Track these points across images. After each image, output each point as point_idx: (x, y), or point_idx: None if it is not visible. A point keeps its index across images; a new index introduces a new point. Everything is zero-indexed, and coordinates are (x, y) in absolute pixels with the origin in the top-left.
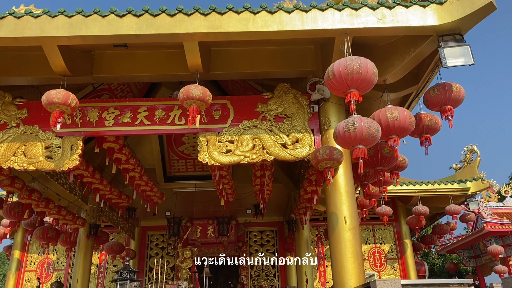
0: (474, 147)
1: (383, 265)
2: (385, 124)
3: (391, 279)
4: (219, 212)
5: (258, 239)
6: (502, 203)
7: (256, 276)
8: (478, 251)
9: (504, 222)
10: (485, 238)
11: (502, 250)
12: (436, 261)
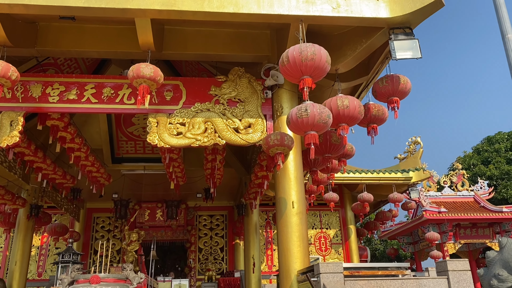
0: (418, 138)
1: (328, 250)
2: (336, 112)
3: (334, 263)
4: (169, 195)
5: (207, 223)
6: (440, 192)
7: (204, 259)
8: (416, 237)
9: (442, 211)
10: (423, 225)
11: (438, 236)
12: (378, 246)
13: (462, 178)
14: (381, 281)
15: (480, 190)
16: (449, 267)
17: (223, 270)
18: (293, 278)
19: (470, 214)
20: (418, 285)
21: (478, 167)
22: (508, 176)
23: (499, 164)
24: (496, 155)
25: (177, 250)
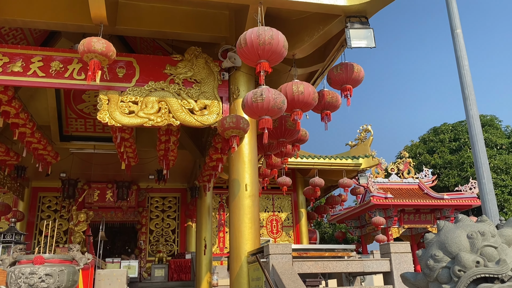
0: (369, 127)
1: (279, 232)
2: (291, 98)
3: (283, 244)
4: (120, 176)
5: (159, 205)
6: (388, 179)
7: (155, 241)
8: (363, 221)
9: (388, 197)
10: (370, 210)
11: (384, 221)
12: (327, 229)
13: (408, 166)
14: (328, 262)
15: (425, 178)
16: (391, 250)
17: (174, 252)
18: (243, 259)
19: (414, 200)
20: (362, 266)
21: (424, 156)
22: (451, 165)
23: (443, 153)
24: (440, 145)
25: (127, 231)
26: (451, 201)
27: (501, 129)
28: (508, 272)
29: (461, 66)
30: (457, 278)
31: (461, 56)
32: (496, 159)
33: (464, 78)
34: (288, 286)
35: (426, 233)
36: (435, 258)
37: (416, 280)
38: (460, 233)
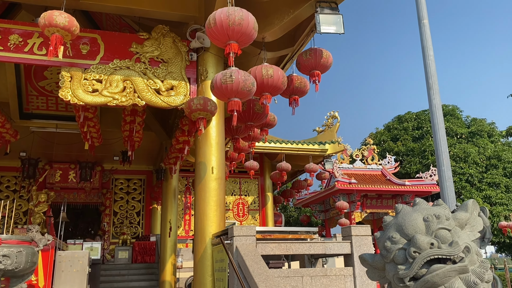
0: (336, 113)
1: (245, 215)
2: (260, 81)
3: (247, 226)
4: (83, 156)
5: (124, 186)
6: (352, 165)
7: (120, 223)
8: (328, 206)
9: (352, 182)
10: (335, 194)
11: (347, 205)
12: (293, 213)
13: (373, 153)
14: (291, 244)
15: (388, 165)
16: (353, 232)
17: (138, 234)
18: (207, 241)
19: (377, 186)
20: (324, 248)
21: (388, 143)
22: (413, 153)
23: (406, 141)
24: (404, 133)
25: (90, 213)
26: (412, 187)
27: (462, 119)
28: (460, 253)
29: (426, 56)
30: (412, 259)
31: (426, 46)
32: (456, 147)
33: (429, 68)
34: (251, 267)
35: (384, 216)
36: (392, 240)
37: (374, 261)
38: (417, 216)
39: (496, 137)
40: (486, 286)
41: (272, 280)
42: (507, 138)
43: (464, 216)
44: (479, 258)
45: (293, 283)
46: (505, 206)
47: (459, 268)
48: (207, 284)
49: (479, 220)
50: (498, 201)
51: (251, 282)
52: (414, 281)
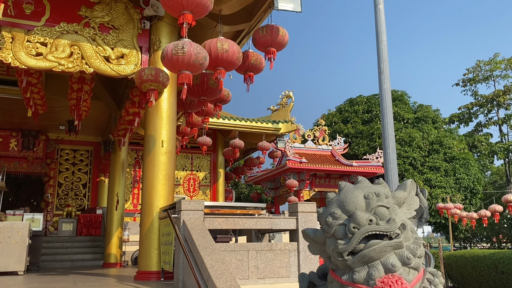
0: (290, 93)
1: (196, 191)
2: (214, 55)
3: (195, 201)
4: (26, 124)
5: (70, 157)
6: (304, 145)
7: (64, 195)
8: (278, 183)
9: (303, 161)
10: (286, 173)
11: (297, 184)
12: (244, 190)
13: (324, 134)
14: (238, 219)
15: (337, 146)
16: (299, 209)
17: (84, 207)
18: (155, 214)
19: (326, 166)
20: (271, 223)
21: (338, 125)
22: (362, 135)
23: (356, 124)
24: (354, 115)
25: (33, 183)
26: (359, 168)
27: (409, 105)
28: (396, 230)
29: (379, 41)
30: (351, 234)
31: (380, 31)
32: (402, 132)
33: (381, 53)
34: (197, 241)
35: (328, 193)
36: (333, 215)
37: (315, 236)
38: (358, 194)
39: (440, 123)
40: (418, 261)
41: (217, 254)
42: (449, 125)
43: (402, 195)
44: (414, 235)
45: (239, 257)
46: (443, 189)
47: (394, 244)
48: (152, 257)
49: (416, 199)
50: (437, 184)
51: (197, 255)
52: (352, 256)
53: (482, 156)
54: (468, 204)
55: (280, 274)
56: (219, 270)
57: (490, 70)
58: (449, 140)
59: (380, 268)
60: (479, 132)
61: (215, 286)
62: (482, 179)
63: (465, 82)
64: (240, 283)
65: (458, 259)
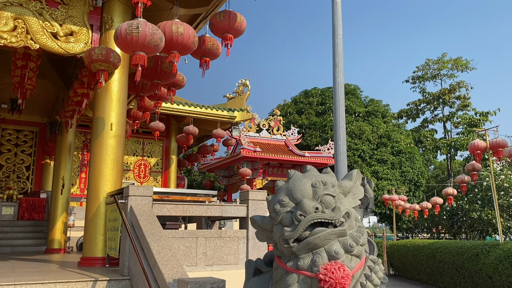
0: (247, 82)
1: (146, 177)
2: (169, 38)
3: (144, 186)
4: None
5: (13, 138)
6: (258, 134)
7: (5, 177)
8: (232, 172)
9: (257, 150)
10: (239, 161)
11: (250, 172)
12: (197, 177)
13: (278, 124)
14: (188, 206)
15: (291, 136)
16: (250, 197)
17: (27, 190)
18: (101, 199)
19: (280, 155)
20: (221, 210)
21: (293, 116)
22: (315, 126)
23: (309, 115)
24: (308, 107)
25: None
26: (311, 159)
27: (361, 99)
28: (340, 218)
29: (335, 35)
30: (298, 222)
31: (337, 25)
32: (353, 125)
33: (337, 47)
34: (144, 227)
35: (277, 181)
36: (281, 203)
37: (263, 222)
38: (306, 182)
39: (389, 118)
40: (360, 248)
41: (165, 240)
42: (398, 120)
43: (348, 184)
44: (357, 224)
45: (187, 244)
46: (389, 181)
47: (338, 232)
48: (98, 243)
49: (360, 189)
50: (384, 176)
51: (143, 241)
52: (298, 243)
53: (426, 151)
54: (411, 196)
55: (228, 261)
56: (165, 257)
57: (438, 69)
58: (397, 134)
59: (324, 255)
60: (425, 128)
61: (161, 272)
62: (425, 172)
63: (415, 80)
64: (187, 269)
65: (400, 248)
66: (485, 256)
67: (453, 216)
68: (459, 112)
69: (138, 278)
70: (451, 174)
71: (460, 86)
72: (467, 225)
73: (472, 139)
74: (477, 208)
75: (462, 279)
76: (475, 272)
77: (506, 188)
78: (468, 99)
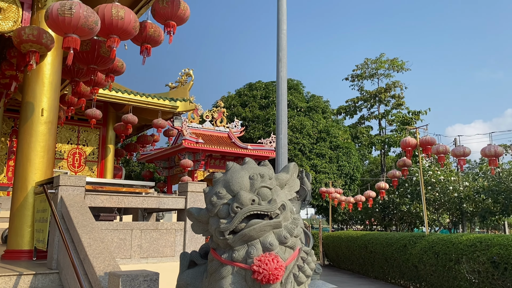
0: (191, 71)
1: (81, 166)
2: (108, 21)
3: (76, 176)
4: None
5: None
6: (201, 125)
7: None
8: (172, 163)
9: (199, 142)
10: (181, 152)
11: (192, 164)
12: (136, 168)
13: (222, 116)
14: (123, 197)
15: (234, 128)
16: (189, 189)
17: None
18: (29, 189)
19: (222, 147)
20: (158, 202)
21: (237, 108)
22: (258, 119)
23: (253, 108)
24: (252, 100)
25: None
26: (253, 152)
27: (303, 94)
28: (276, 210)
29: (280, 30)
30: (234, 214)
31: (281, 20)
32: (294, 119)
33: (281, 41)
34: (75, 218)
35: (215, 173)
36: (218, 195)
37: (199, 215)
38: (244, 174)
39: (329, 114)
40: (294, 240)
41: (97, 232)
42: (337, 116)
43: (285, 177)
44: (292, 215)
45: (122, 236)
46: (327, 174)
47: (273, 224)
48: (24, 235)
49: (297, 182)
50: (322, 170)
51: (74, 233)
52: (233, 235)
53: (362, 147)
54: (347, 189)
55: (164, 253)
56: (97, 249)
57: (376, 68)
58: (335, 130)
59: (258, 247)
60: (362, 125)
61: (91, 265)
62: (361, 167)
63: (354, 78)
64: (121, 262)
65: (334, 240)
66: (412, 247)
67: (385, 209)
68: (393, 110)
69: (67, 271)
70: (384, 169)
71: (395, 86)
72: (397, 217)
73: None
74: (407, 202)
75: (391, 268)
76: (403, 262)
77: (433, 184)
78: (402, 98)
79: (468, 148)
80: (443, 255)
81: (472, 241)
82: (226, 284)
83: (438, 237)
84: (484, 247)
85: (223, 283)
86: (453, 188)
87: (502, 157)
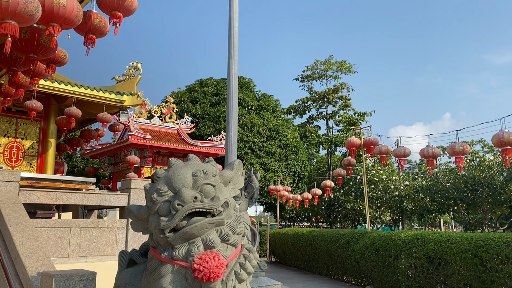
0: (139, 65)
1: (19, 161)
2: (49, 9)
3: (10, 171)
4: None
5: None
6: (150, 121)
7: None
8: (118, 159)
9: (147, 137)
10: (127, 148)
11: (138, 160)
12: (79, 164)
13: (171, 111)
14: (62, 194)
15: (184, 125)
16: (132, 185)
17: None
18: None
19: (171, 144)
20: (99, 199)
21: (187, 104)
22: (209, 116)
23: (204, 105)
24: (203, 96)
25: None
26: (203, 149)
27: (254, 92)
28: (219, 208)
29: (231, 27)
30: (175, 211)
31: (233, 17)
32: (245, 117)
33: (232, 39)
34: (7, 215)
35: (157, 169)
36: (159, 192)
37: (139, 212)
38: (187, 171)
39: (279, 113)
40: (237, 237)
41: (31, 230)
42: (287, 115)
43: (229, 174)
44: (235, 213)
45: (59, 234)
46: (276, 172)
47: (215, 221)
48: None
49: (241, 179)
50: (271, 168)
51: (5, 232)
52: (174, 233)
53: (310, 146)
54: (295, 187)
55: (105, 252)
56: (30, 248)
57: (325, 70)
58: (285, 129)
59: (200, 245)
60: (310, 124)
61: (23, 265)
62: (308, 165)
63: (304, 78)
64: (58, 262)
65: (281, 237)
66: (354, 243)
67: (330, 206)
68: (340, 111)
69: None
70: (331, 168)
71: (342, 88)
72: (342, 215)
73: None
74: (351, 200)
75: (334, 264)
76: (346, 258)
77: (376, 182)
78: (349, 99)
79: (409, 149)
80: (383, 251)
81: (410, 237)
82: (165, 282)
83: (379, 234)
84: (421, 243)
85: (163, 282)
86: (394, 187)
87: (439, 158)
